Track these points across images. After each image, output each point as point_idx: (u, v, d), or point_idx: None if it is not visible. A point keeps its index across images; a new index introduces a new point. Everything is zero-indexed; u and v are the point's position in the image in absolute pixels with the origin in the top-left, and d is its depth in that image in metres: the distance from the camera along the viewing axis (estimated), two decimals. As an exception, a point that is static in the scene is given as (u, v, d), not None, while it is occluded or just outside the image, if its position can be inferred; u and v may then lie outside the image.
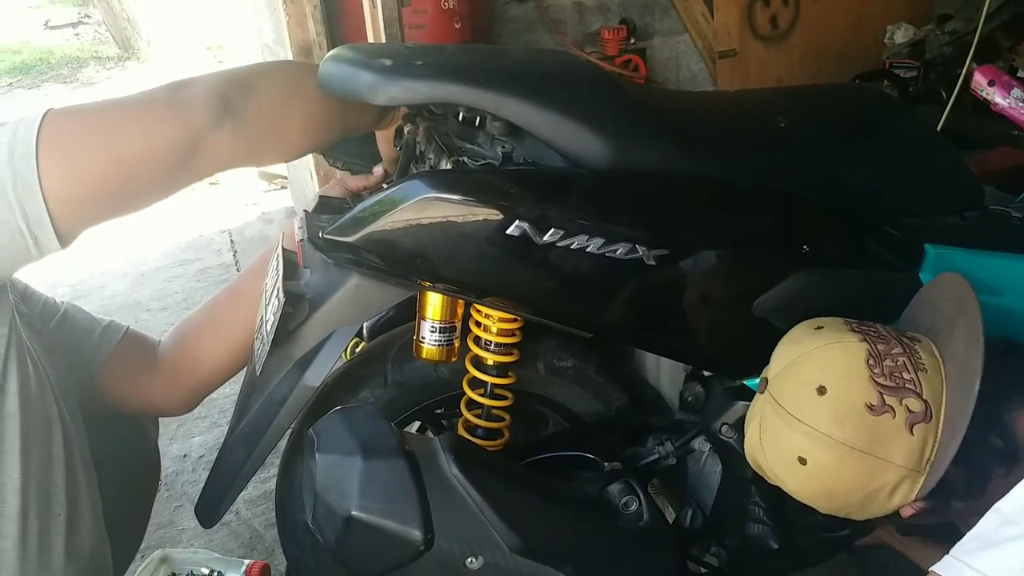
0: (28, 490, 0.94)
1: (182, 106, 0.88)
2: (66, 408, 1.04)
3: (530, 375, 1.21)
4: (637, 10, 3.01)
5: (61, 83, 7.73)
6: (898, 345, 0.90)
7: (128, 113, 0.87)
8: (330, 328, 1.05)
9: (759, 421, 0.95)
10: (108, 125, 0.85)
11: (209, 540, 1.81)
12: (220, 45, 7.41)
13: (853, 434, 0.86)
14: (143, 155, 0.86)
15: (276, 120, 0.94)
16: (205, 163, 0.90)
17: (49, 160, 0.80)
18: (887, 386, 0.87)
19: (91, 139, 0.84)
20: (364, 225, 0.93)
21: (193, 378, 1.20)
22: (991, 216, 1.27)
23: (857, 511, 0.92)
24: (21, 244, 0.82)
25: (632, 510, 1.04)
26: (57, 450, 0.99)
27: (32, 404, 0.95)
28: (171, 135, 0.87)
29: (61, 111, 0.85)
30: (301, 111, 0.97)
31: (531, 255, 0.93)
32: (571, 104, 0.96)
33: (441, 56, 1.02)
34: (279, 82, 0.97)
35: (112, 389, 1.19)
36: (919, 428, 0.86)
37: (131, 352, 1.21)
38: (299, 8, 2.76)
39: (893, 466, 0.87)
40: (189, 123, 0.87)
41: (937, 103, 2.38)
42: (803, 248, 1.05)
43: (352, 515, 0.86)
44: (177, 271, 3.37)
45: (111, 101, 0.88)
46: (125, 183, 0.86)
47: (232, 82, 0.91)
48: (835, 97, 1.34)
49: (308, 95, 0.98)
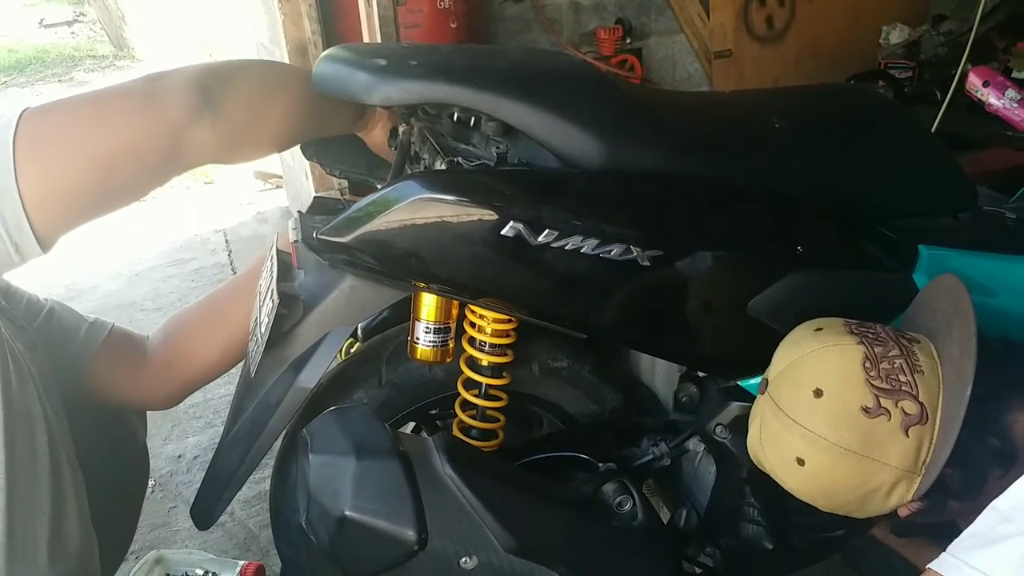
0: (14, 488, 0.93)
1: (160, 98, 0.86)
2: (50, 406, 1.03)
3: (524, 376, 1.21)
4: (633, 10, 3.01)
5: (56, 81, 7.70)
6: (896, 347, 0.91)
7: (105, 108, 0.86)
8: (325, 329, 1.04)
9: (760, 421, 0.96)
10: (85, 122, 0.84)
11: (204, 541, 1.81)
12: (215, 44, 7.39)
13: (849, 436, 0.87)
14: (122, 151, 0.84)
15: (255, 113, 0.93)
16: (184, 157, 0.88)
17: (26, 163, 0.79)
18: (883, 388, 0.88)
19: (68, 138, 0.83)
20: (358, 226, 0.93)
21: (185, 373, 1.19)
22: (985, 217, 1.27)
23: (856, 510, 0.93)
24: (1, 250, 0.81)
25: (626, 510, 1.05)
26: (41, 447, 0.98)
27: (14, 401, 0.94)
28: (150, 129, 0.85)
29: (37, 110, 0.83)
30: (279, 105, 0.96)
31: (526, 256, 0.93)
32: (565, 104, 0.96)
33: (436, 56, 1.02)
34: (256, 76, 0.96)
35: (100, 386, 1.18)
36: (914, 430, 0.87)
37: (118, 349, 1.20)
38: (294, 7, 2.75)
39: (889, 467, 0.87)
40: (168, 116, 0.85)
41: (932, 104, 2.38)
42: (797, 249, 1.05)
43: (346, 515, 0.86)
44: (172, 271, 3.36)
45: (88, 96, 0.87)
46: (105, 180, 0.85)
47: (210, 73, 0.90)
48: (829, 98, 1.34)
49: (285, 90, 0.98)
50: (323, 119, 1.06)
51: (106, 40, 8.77)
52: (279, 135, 0.98)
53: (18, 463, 0.94)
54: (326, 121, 1.06)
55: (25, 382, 0.98)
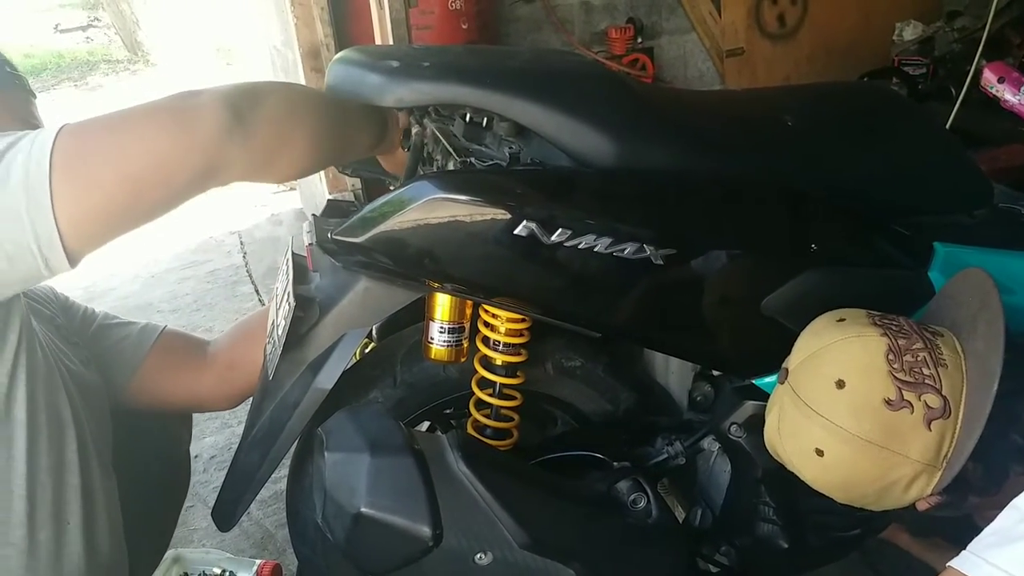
0: (35, 497, 0.95)
1: (191, 118, 0.87)
2: (92, 415, 1.06)
3: (539, 375, 1.21)
4: (644, 9, 3.01)
5: (72, 86, 7.79)
6: (919, 340, 0.90)
7: (137, 127, 0.87)
8: (341, 331, 1.05)
9: (778, 411, 0.96)
10: (118, 143, 0.85)
11: (221, 540, 1.82)
12: (229, 48, 7.44)
13: (870, 428, 0.87)
14: (153, 170, 0.85)
15: (283, 133, 0.94)
16: (214, 176, 0.89)
17: (62, 183, 0.80)
18: (906, 381, 0.87)
19: (102, 159, 0.84)
20: (373, 226, 0.94)
21: (248, 376, 1.21)
22: (1000, 214, 1.26)
23: (873, 503, 0.93)
24: (32, 264, 0.83)
25: (641, 507, 1.05)
26: (71, 455, 1.00)
27: (40, 409, 0.96)
28: (182, 149, 0.86)
29: (73, 130, 0.84)
30: (306, 127, 0.96)
31: (539, 255, 0.94)
32: (577, 104, 0.96)
33: (448, 57, 1.02)
34: (284, 97, 0.96)
35: (151, 387, 1.22)
36: (937, 424, 0.86)
37: (171, 349, 1.25)
38: (307, 10, 2.77)
39: (909, 460, 0.87)
40: (199, 136, 0.86)
41: (947, 100, 2.36)
42: (811, 247, 1.05)
43: (361, 512, 0.86)
44: (187, 273, 3.39)
45: (121, 115, 0.88)
46: (136, 199, 0.86)
47: (240, 94, 0.91)
48: (842, 96, 1.33)
49: (311, 112, 0.98)
50: (347, 141, 1.06)
51: (120, 45, 8.85)
52: (305, 157, 0.98)
53: (43, 472, 0.96)
54: (349, 144, 1.07)
55: (56, 390, 0.99)
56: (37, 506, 0.95)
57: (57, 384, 1.00)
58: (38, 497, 0.96)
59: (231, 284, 3.24)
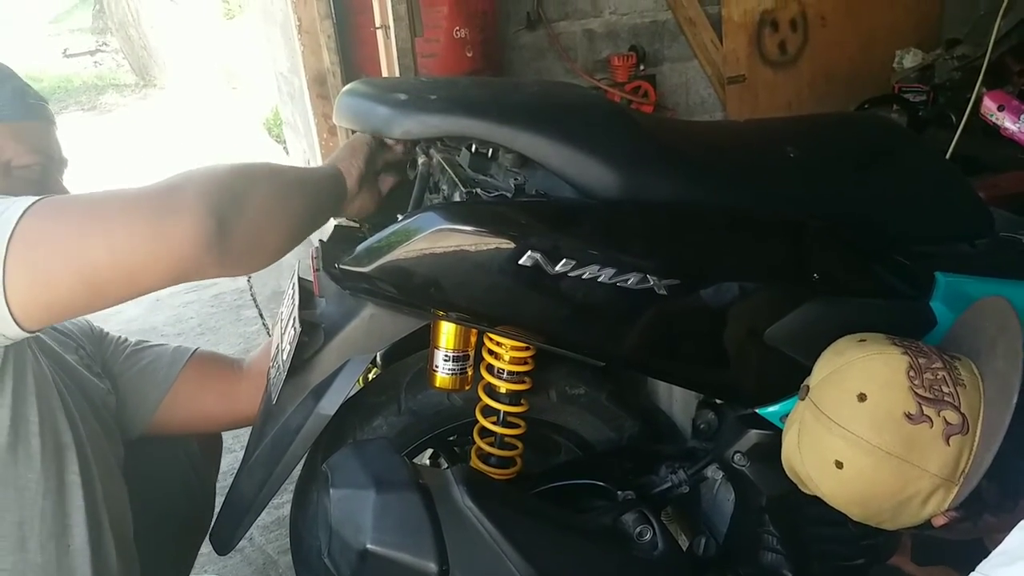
0: (25, 524, 0.94)
1: (170, 228, 0.81)
2: (110, 439, 1.07)
3: (543, 403, 1.21)
4: (646, 37, 3.03)
5: (80, 110, 7.86)
6: (939, 360, 0.92)
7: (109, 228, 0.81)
8: (345, 357, 1.06)
9: (798, 426, 0.97)
10: (84, 245, 0.81)
11: (223, 566, 1.81)
12: (235, 73, 7.51)
13: (890, 440, 0.88)
14: (117, 276, 0.82)
15: (262, 235, 0.90)
16: (182, 280, 0.86)
17: (16, 269, 0.78)
18: (926, 397, 0.89)
19: (62, 259, 0.80)
20: (379, 256, 0.95)
21: None
22: (1001, 243, 1.27)
23: (890, 519, 0.93)
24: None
25: (647, 539, 1.04)
26: (72, 477, 1.00)
27: (33, 434, 0.95)
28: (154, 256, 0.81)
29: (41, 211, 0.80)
30: (284, 220, 0.94)
31: (543, 285, 0.94)
32: (582, 136, 0.98)
33: (455, 90, 1.04)
34: (268, 192, 0.92)
35: (188, 401, 1.24)
36: (955, 439, 0.88)
37: (206, 363, 1.28)
38: (313, 38, 2.80)
39: (928, 474, 0.88)
40: (175, 250, 0.81)
41: (947, 127, 2.37)
42: (814, 277, 1.05)
43: (367, 548, 0.86)
44: (191, 296, 3.40)
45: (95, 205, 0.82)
46: (92, 296, 0.84)
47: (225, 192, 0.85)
48: (843, 126, 1.35)
49: (292, 199, 0.95)
50: (319, 217, 1.04)
51: (129, 69, 8.95)
52: (280, 251, 0.95)
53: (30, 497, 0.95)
54: (321, 217, 1.05)
55: (53, 412, 0.99)
56: (29, 532, 0.95)
57: (55, 405, 1.00)
58: (29, 524, 0.95)
59: (235, 308, 3.24)
